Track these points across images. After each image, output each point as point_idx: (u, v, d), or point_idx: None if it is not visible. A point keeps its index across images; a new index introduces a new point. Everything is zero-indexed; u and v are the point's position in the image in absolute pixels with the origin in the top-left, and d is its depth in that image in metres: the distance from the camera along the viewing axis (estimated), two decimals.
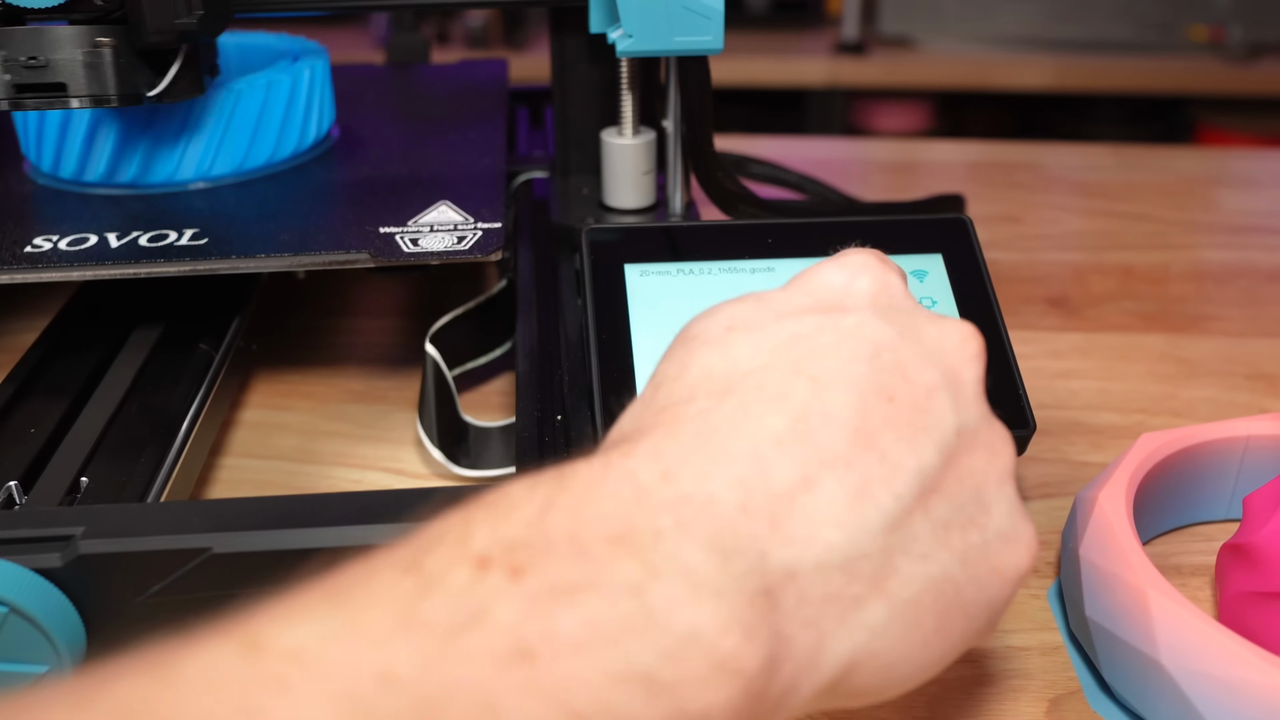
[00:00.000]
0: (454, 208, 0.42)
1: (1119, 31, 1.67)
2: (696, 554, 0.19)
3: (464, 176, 0.45)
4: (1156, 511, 0.39)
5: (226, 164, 0.45)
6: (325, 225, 0.40)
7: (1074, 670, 0.34)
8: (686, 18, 0.41)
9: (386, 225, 0.40)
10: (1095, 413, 0.47)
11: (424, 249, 0.38)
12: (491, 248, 0.38)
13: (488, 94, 0.57)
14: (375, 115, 0.54)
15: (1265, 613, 0.33)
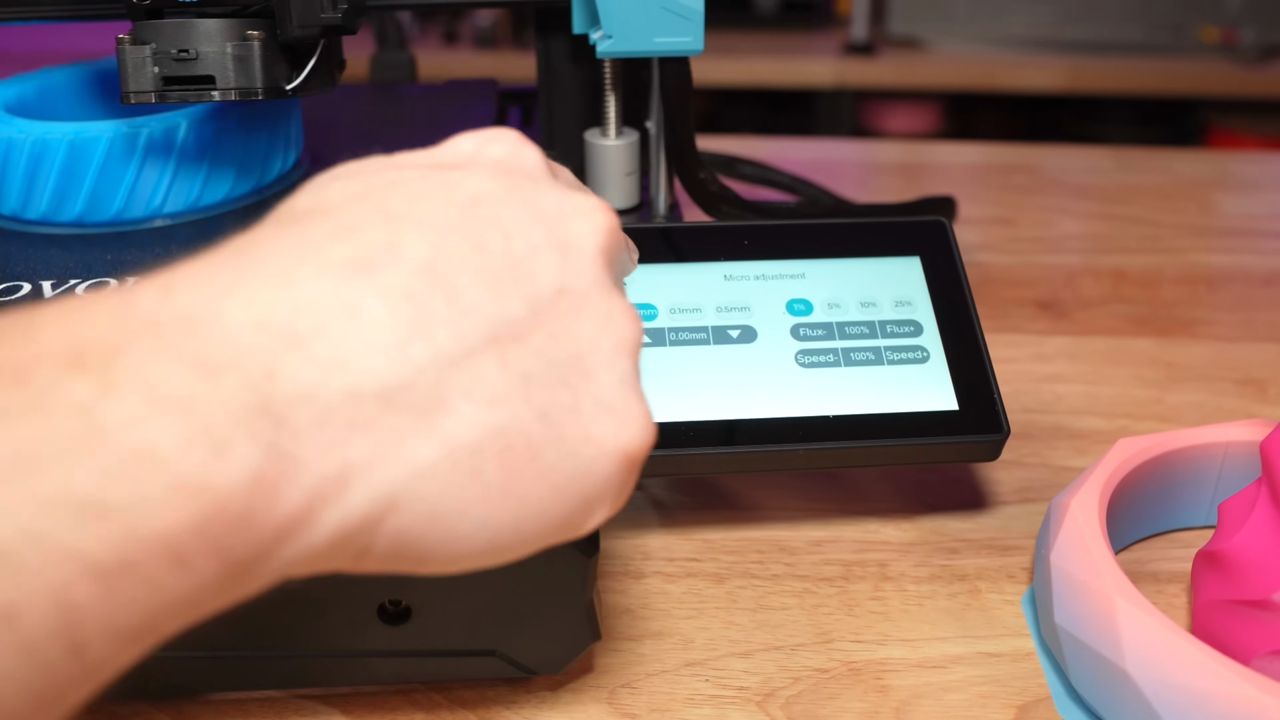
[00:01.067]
0: None
1: (1129, 33, 1.66)
2: (169, 370, 0.17)
3: None
4: (1134, 517, 0.39)
5: (179, 201, 0.41)
6: None
7: (1044, 677, 0.34)
8: (666, 19, 0.41)
9: None
10: (1080, 417, 0.47)
11: None
12: None
13: (474, 118, 0.54)
14: (350, 142, 0.51)
15: (1237, 621, 0.33)
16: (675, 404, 0.36)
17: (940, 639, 0.35)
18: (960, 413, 0.36)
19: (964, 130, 1.84)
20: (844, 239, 0.40)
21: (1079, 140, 1.71)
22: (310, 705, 0.33)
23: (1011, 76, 1.66)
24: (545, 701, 0.33)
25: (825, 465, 0.36)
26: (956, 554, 0.39)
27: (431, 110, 0.55)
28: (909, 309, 0.39)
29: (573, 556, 0.30)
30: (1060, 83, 1.65)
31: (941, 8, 1.70)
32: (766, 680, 0.34)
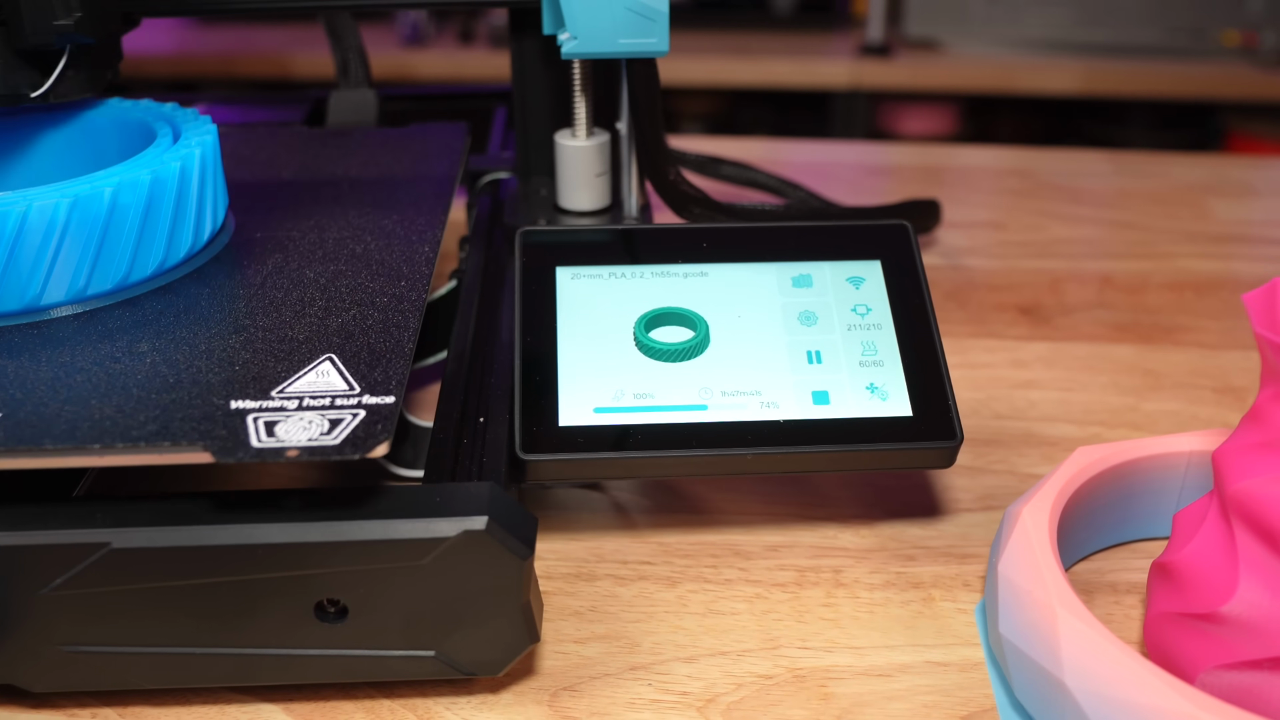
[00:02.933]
0: (339, 367, 0.32)
1: (1149, 36, 1.64)
2: None
3: (367, 313, 0.35)
4: (1094, 527, 0.38)
5: (61, 290, 0.35)
6: (163, 392, 0.31)
7: (991, 688, 0.34)
8: (631, 20, 0.41)
9: (241, 397, 0.31)
10: (1051, 424, 0.46)
11: (279, 442, 0.29)
12: (370, 442, 0.29)
13: (433, 178, 0.46)
14: (286, 204, 0.44)
15: (1186, 634, 0.32)
16: (627, 406, 0.36)
17: (889, 647, 0.35)
18: (914, 419, 0.36)
19: (982, 133, 1.83)
20: (806, 242, 0.40)
21: (1098, 144, 1.70)
22: (252, 701, 0.33)
23: (1028, 79, 1.65)
24: (485, 703, 0.33)
25: (775, 470, 0.36)
26: (913, 561, 0.39)
27: (388, 162, 0.48)
28: (867, 315, 0.38)
29: (507, 559, 0.30)
30: (1078, 85, 1.63)
31: (958, 9, 1.69)
32: (709, 686, 0.33)
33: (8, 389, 0.31)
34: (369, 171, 0.47)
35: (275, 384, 0.32)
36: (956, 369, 0.50)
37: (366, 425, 0.30)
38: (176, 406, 0.31)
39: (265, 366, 0.32)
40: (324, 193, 0.45)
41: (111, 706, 0.33)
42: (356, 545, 0.30)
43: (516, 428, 0.35)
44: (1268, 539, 0.30)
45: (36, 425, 0.30)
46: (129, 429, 0.30)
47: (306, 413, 0.30)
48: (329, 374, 0.32)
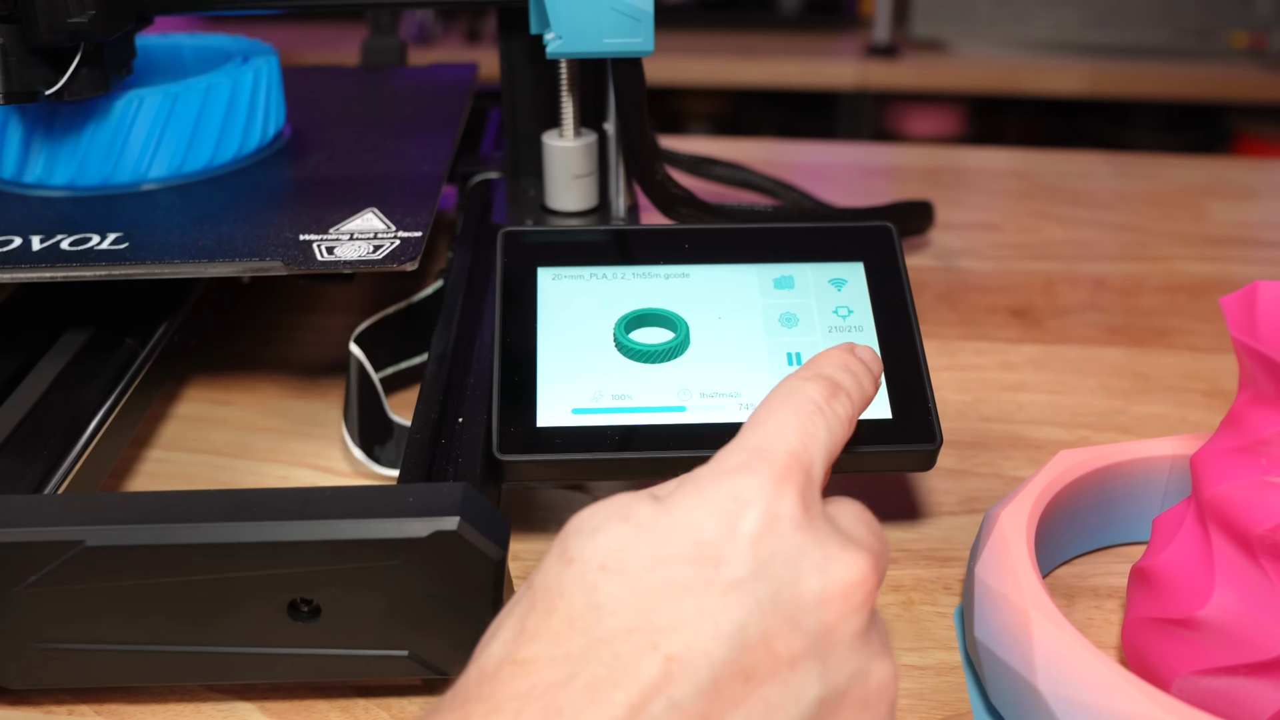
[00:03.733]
0: (379, 215, 0.41)
1: (1156, 37, 1.63)
2: None
3: (399, 183, 0.45)
4: (1076, 531, 0.38)
5: (163, 167, 0.45)
6: (248, 231, 0.41)
7: (967, 692, 0.33)
8: (616, 20, 0.41)
9: (308, 232, 0.40)
10: (1039, 427, 0.46)
11: (338, 258, 0.38)
12: (405, 258, 0.38)
13: (448, 100, 0.57)
14: (331, 119, 0.54)
15: (1163, 639, 0.32)
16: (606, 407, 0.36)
17: None
18: (894, 422, 0.36)
19: (988, 134, 1.82)
20: (788, 244, 0.40)
21: (1106, 145, 1.69)
22: (228, 700, 0.33)
23: (1035, 80, 1.64)
24: None
25: None
26: (894, 564, 0.38)
27: (411, 90, 0.59)
28: (849, 317, 0.38)
29: (479, 559, 0.30)
30: (1084, 87, 1.63)
31: (965, 10, 1.68)
32: None
33: (129, 227, 0.41)
34: (395, 97, 0.58)
35: (334, 224, 0.41)
36: (945, 371, 0.50)
37: (401, 248, 0.39)
38: (260, 238, 0.40)
39: (324, 214, 0.42)
40: (360, 111, 0.56)
41: (88, 703, 0.33)
42: (328, 545, 0.30)
43: (494, 428, 0.35)
44: (1243, 544, 0.30)
45: (157, 248, 0.39)
46: (230, 250, 0.39)
47: (357, 241, 0.39)
48: (371, 220, 0.41)
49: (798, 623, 0.23)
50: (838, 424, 0.27)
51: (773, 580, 0.23)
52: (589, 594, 0.23)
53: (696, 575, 0.23)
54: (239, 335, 0.53)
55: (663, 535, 0.24)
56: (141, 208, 0.43)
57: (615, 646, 0.22)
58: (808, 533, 0.24)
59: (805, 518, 0.25)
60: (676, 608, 0.23)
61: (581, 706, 0.21)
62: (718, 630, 0.23)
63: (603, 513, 0.25)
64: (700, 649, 0.22)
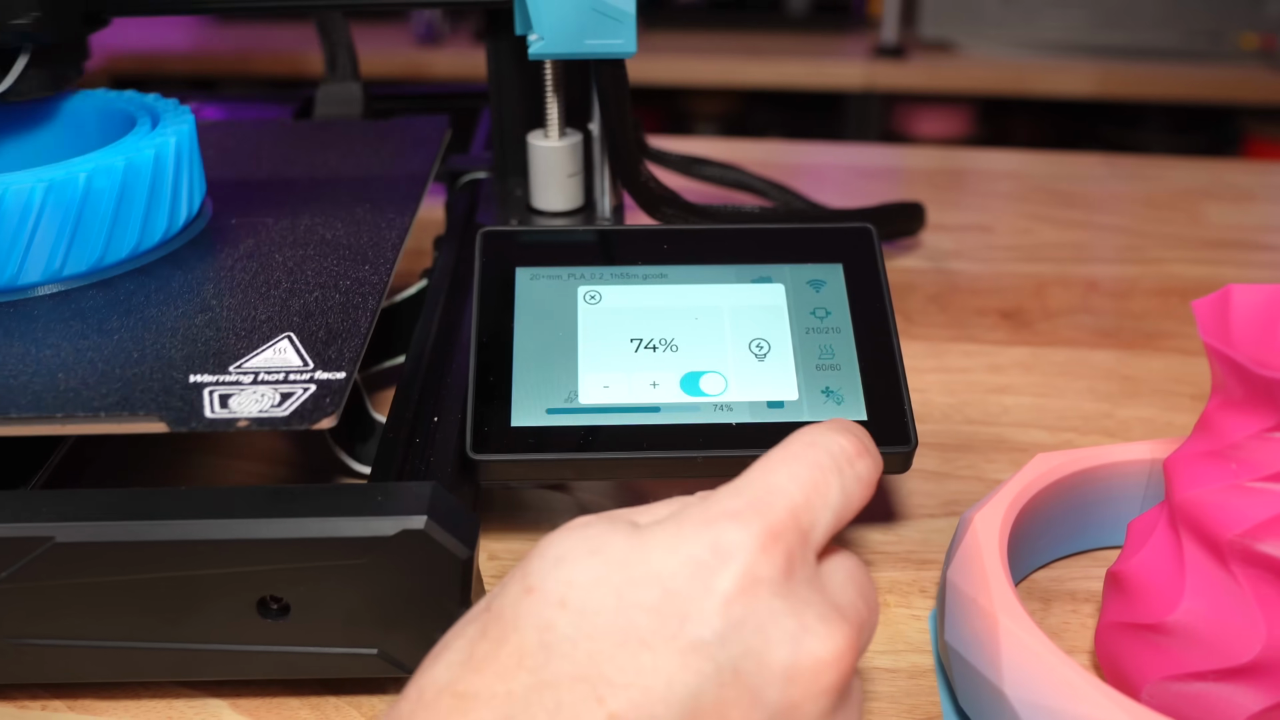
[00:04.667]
0: (296, 345, 0.34)
1: (1166, 38, 1.62)
2: None
3: (330, 295, 0.36)
4: (1054, 534, 0.38)
5: (37, 271, 0.36)
6: (127, 367, 0.33)
7: (938, 695, 0.33)
8: (598, 21, 0.41)
9: (201, 370, 0.32)
10: (1024, 430, 0.46)
11: (231, 413, 0.30)
12: (318, 414, 0.30)
13: (409, 169, 0.47)
14: (266, 193, 0.45)
15: (1134, 643, 0.32)
16: (580, 407, 0.36)
17: None
18: (868, 423, 0.36)
19: (997, 136, 1.82)
20: (768, 244, 0.40)
21: (1115, 147, 1.68)
22: (200, 696, 0.33)
23: (1043, 81, 1.63)
24: None
25: (726, 474, 0.35)
26: (871, 566, 0.38)
27: (369, 153, 0.49)
28: (827, 318, 0.38)
29: (446, 558, 0.30)
30: (1093, 88, 1.62)
31: (973, 11, 1.68)
32: None
33: None
34: (347, 162, 0.48)
35: (234, 360, 0.33)
36: (932, 373, 0.50)
37: (316, 399, 0.31)
38: (138, 380, 0.32)
39: (226, 344, 0.34)
40: (301, 182, 0.46)
41: (61, 699, 0.33)
42: (296, 543, 0.30)
43: (468, 427, 0.35)
44: (1213, 549, 0.30)
45: (4, 396, 0.31)
46: (91, 400, 0.31)
47: (260, 386, 0.32)
48: (286, 351, 0.33)
49: (759, 696, 0.22)
50: (856, 485, 0.26)
51: (739, 646, 0.22)
52: (543, 631, 0.22)
53: (658, 628, 0.22)
54: None
55: (631, 578, 0.23)
56: (5, 325, 0.35)
57: (559, 693, 0.21)
58: (786, 599, 0.23)
59: (786, 583, 0.23)
60: (631, 660, 0.22)
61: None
62: (670, 693, 0.21)
63: (573, 539, 0.23)
64: (648, 710, 0.21)
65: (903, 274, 0.59)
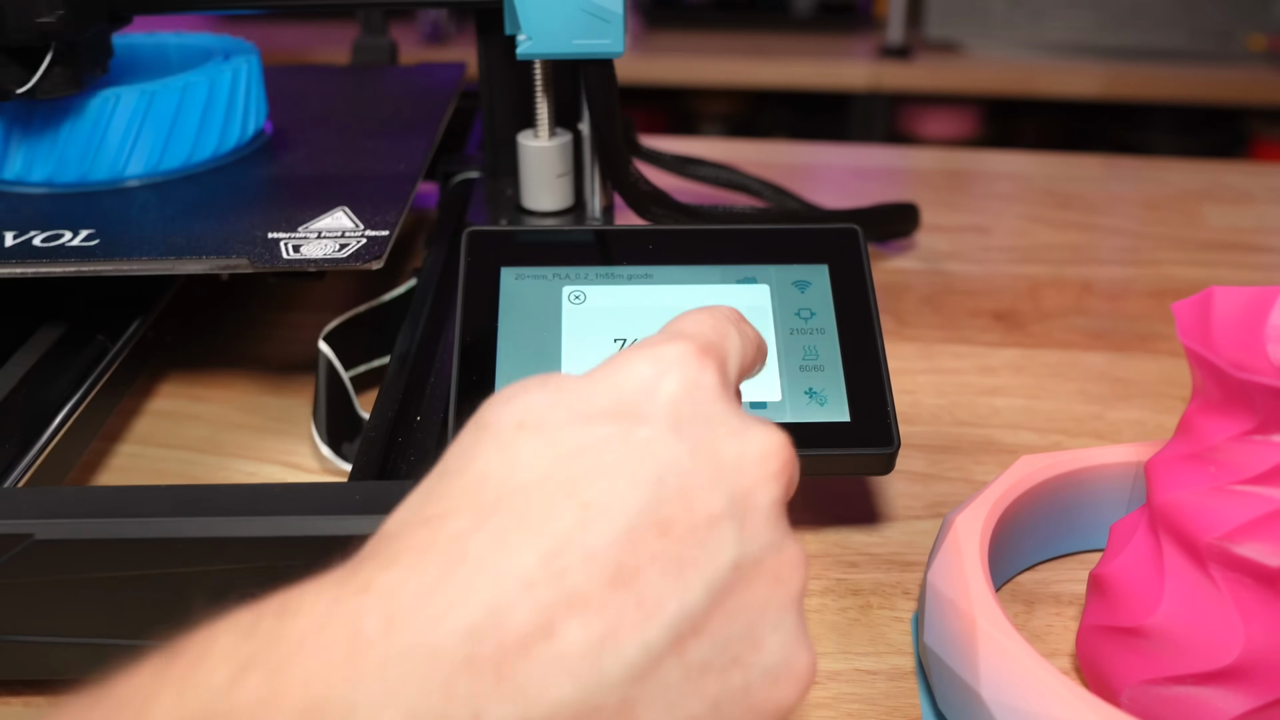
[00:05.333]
0: (349, 214, 0.41)
1: (1173, 39, 1.61)
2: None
3: (372, 182, 0.45)
4: (1039, 536, 0.38)
5: (140, 165, 0.45)
6: (219, 228, 0.41)
7: (919, 697, 0.33)
8: (585, 21, 0.41)
9: (277, 230, 0.40)
10: (1013, 432, 0.46)
11: (303, 256, 0.38)
12: (370, 256, 0.38)
13: (430, 100, 0.56)
14: (313, 118, 0.54)
15: (1114, 647, 0.32)
16: None
17: (820, 654, 0.35)
18: (851, 424, 0.36)
19: (1004, 137, 1.81)
20: (754, 245, 0.40)
21: (1122, 149, 1.67)
22: None
23: (1049, 82, 1.63)
24: None
25: None
26: (855, 568, 0.38)
27: (398, 89, 0.59)
28: (811, 319, 0.38)
29: None
30: (1099, 89, 1.61)
31: (979, 11, 1.67)
32: None
33: (102, 224, 0.41)
34: (380, 97, 0.58)
35: (303, 222, 0.41)
36: (923, 374, 0.50)
37: (367, 247, 0.39)
38: (230, 235, 0.40)
39: (295, 213, 0.42)
40: (344, 110, 0.56)
41: (43, 695, 0.33)
42: (275, 541, 0.30)
43: (450, 426, 0.35)
44: (1191, 553, 0.30)
45: (127, 244, 0.39)
46: (197, 248, 0.39)
47: (324, 240, 0.39)
48: (341, 218, 0.41)
49: (716, 481, 0.23)
50: (748, 343, 0.27)
51: (691, 440, 0.23)
52: (504, 450, 0.23)
53: (616, 431, 0.23)
54: (217, 331, 0.53)
55: (583, 395, 0.24)
56: (117, 205, 0.44)
57: (529, 495, 0.22)
58: (726, 402, 0.24)
59: (724, 390, 0.25)
60: (595, 459, 0.22)
61: (488, 553, 0.20)
62: (635, 479, 0.22)
63: (521, 382, 0.24)
64: (617, 496, 0.21)
65: (897, 275, 0.59)
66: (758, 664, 0.22)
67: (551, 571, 0.20)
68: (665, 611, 0.21)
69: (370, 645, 0.19)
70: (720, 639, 0.22)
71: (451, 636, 0.19)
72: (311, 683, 0.18)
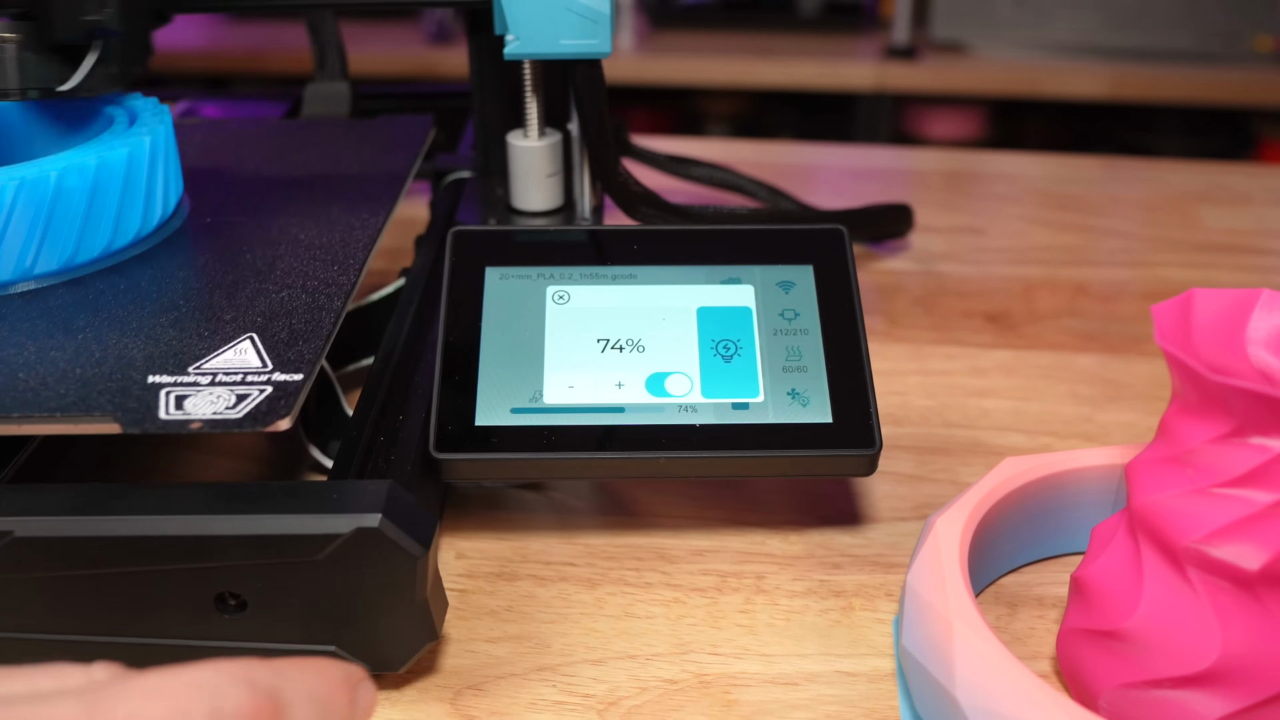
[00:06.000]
0: (257, 346, 0.34)
1: (1180, 40, 1.61)
2: None
3: (296, 296, 0.37)
4: (1023, 539, 0.38)
5: (8, 269, 0.36)
6: (88, 366, 0.33)
7: (897, 700, 0.33)
8: (572, 21, 0.41)
9: (159, 372, 0.32)
10: (1002, 434, 0.46)
11: (185, 414, 0.30)
12: (273, 416, 0.30)
13: (389, 168, 0.47)
14: (245, 191, 0.45)
15: (1092, 650, 0.32)
16: (545, 407, 0.36)
17: (800, 655, 0.35)
18: (833, 426, 0.36)
19: (1010, 138, 1.81)
20: (739, 245, 0.40)
21: (1128, 150, 1.67)
22: None
23: (1055, 83, 1.62)
24: (389, 699, 0.33)
25: (689, 475, 0.36)
26: (838, 569, 0.38)
27: (351, 151, 0.50)
28: (795, 319, 0.38)
29: (401, 556, 0.30)
30: (1105, 90, 1.61)
31: (985, 12, 1.67)
32: (613, 689, 0.33)
33: None
34: (328, 161, 0.48)
35: (194, 360, 0.33)
36: (913, 375, 0.49)
37: (271, 400, 0.31)
38: (98, 380, 0.32)
39: (188, 344, 0.34)
40: (280, 182, 0.46)
41: None
42: (252, 539, 0.30)
43: (432, 426, 0.35)
44: (1169, 556, 0.30)
45: None
46: (49, 400, 0.31)
47: (217, 388, 0.32)
48: (246, 352, 0.33)
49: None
50: None
51: None
52: None
53: None
54: None
55: None
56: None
57: None
58: None
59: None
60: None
61: None
62: None
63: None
64: None
65: (890, 276, 0.59)
66: None
67: None
68: None
69: None
70: None
71: None
72: None
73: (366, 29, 1.76)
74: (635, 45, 1.71)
